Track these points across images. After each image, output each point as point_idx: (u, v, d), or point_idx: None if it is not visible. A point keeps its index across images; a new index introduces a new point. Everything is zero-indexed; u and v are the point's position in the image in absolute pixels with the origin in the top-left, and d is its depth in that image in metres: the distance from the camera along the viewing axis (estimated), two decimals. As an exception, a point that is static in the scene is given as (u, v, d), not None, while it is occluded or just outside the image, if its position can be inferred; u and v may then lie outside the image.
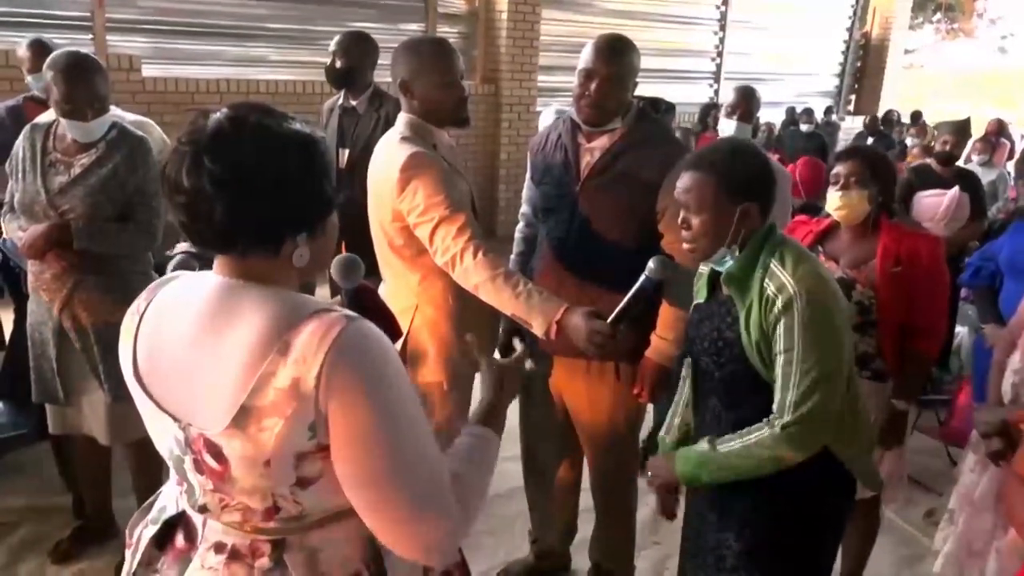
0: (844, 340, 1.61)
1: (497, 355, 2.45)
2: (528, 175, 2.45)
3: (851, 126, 10.70)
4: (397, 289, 2.20)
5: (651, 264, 1.71)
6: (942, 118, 5.55)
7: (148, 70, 5.77)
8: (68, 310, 2.37)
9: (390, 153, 2.08)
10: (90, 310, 2.37)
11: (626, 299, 1.75)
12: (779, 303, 1.56)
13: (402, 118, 2.15)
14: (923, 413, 3.75)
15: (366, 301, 1.44)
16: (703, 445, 1.67)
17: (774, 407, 1.58)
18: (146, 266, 2.52)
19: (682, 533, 1.97)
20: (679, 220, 1.67)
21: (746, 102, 3.28)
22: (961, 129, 4.33)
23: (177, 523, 1.20)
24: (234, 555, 1.11)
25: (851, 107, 11.92)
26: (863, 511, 2.42)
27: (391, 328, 1.09)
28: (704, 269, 1.80)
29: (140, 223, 2.38)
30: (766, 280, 1.59)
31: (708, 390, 1.78)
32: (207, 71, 6.23)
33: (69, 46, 2.59)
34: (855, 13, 11.50)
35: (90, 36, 5.68)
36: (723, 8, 9.77)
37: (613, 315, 1.78)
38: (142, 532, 1.24)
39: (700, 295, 1.80)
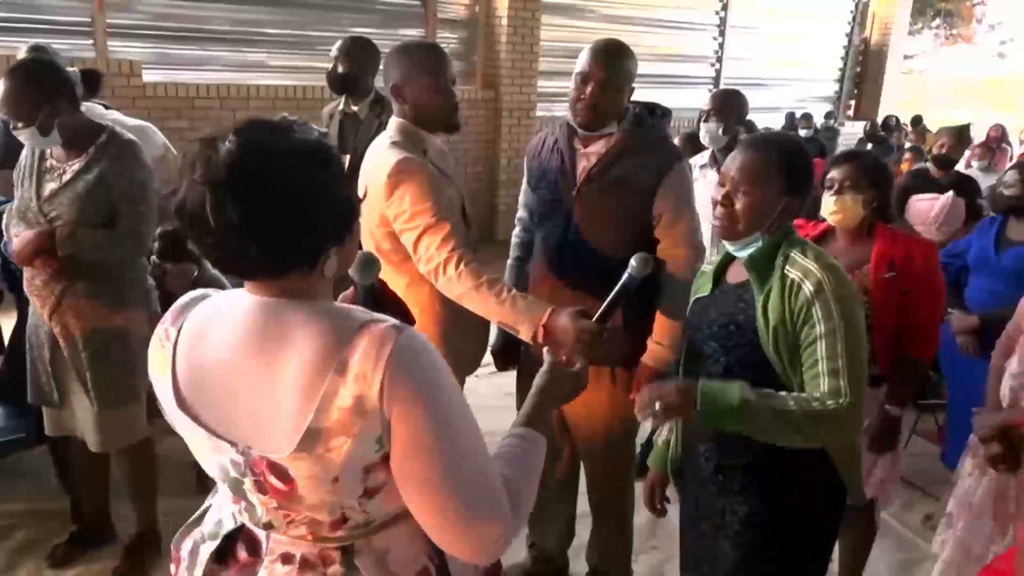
0: (864, 326, 1.61)
1: (490, 358, 2.46)
2: (525, 180, 2.46)
3: (851, 131, 10.71)
4: None
5: (633, 262, 1.72)
6: (942, 123, 5.56)
7: (149, 75, 5.79)
8: (57, 316, 2.37)
9: (379, 157, 2.08)
10: (79, 316, 2.37)
11: (610, 297, 1.76)
12: (808, 287, 1.55)
13: (393, 122, 2.15)
14: (922, 417, 3.75)
15: (382, 296, 1.46)
16: (743, 392, 1.52)
17: (823, 390, 1.52)
18: (140, 272, 2.51)
19: (680, 543, 1.97)
20: (720, 196, 1.65)
21: (713, 104, 3.36)
22: (960, 134, 4.35)
23: (237, 537, 1.19)
24: (305, 565, 1.12)
25: (850, 112, 11.94)
26: (860, 516, 2.42)
27: (407, 322, 1.10)
28: (708, 268, 1.80)
29: (126, 230, 2.34)
30: (787, 267, 1.59)
31: None
32: (207, 76, 6.25)
33: (69, 52, 2.59)
34: (854, 19, 11.52)
35: (91, 41, 5.69)
36: (723, 13, 9.78)
37: (598, 313, 1.79)
38: (199, 548, 1.22)
39: (703, 289, 1.79)
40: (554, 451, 2.55)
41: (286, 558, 1.13)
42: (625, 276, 1.76)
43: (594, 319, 1.80)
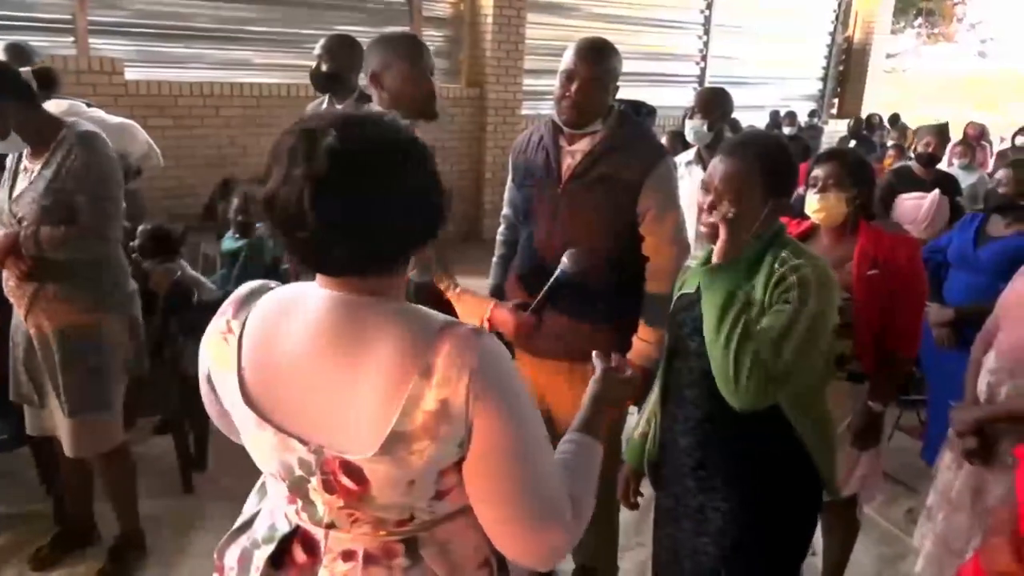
0: (832, 319, 1.62)
1: None
2: (510, 178, 2.46)
3: (834, 129, 10.78)
4: None
5: (564, 259, 1.76)
6: (924, 122, 5.61)
7: (131, 73, 5.73)
8: (32, 318, 2.34)
9: None
10: (51, 318, 2.34)
11: (543, 291, 1.81)
12: (793, 277, 1.57)
13: None
14: (904, 413, 3.79)
15: (429, 294, 1.48)
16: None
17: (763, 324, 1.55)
18: (120, 275, 2.47)
19: (654, 541, 1.98)
20: (705, 204, 1.66)
21: (698, 102, 3.45)
22: (941, 131, 4.40)
23: (292, 539, 1.15)
24: (369, 559, 1.10)
25: (834, 111, 12.01)
26: (843, 511, 2.44)
27: (443, 308, 1.12)
28: (692, 263, 1.81)
29: (87, 223, 2.27)
30: (776, 264, 1.61)
31: (689, 381, 1.77)
32: (191, 74, 6.20)
33: (50, 49, 2.57)
34: (837, 18, 11.58)
35: (72, 39, 5.63)
36: (707, 12, 9.81)
37: (532, 306, 1.82)
38: (250, 554, 1.19)
39: (689, 285, 1.80)
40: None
41: (347, 555, 1.10)
42: (557, 271, 1.79)
43: (528, 311, 1.84)
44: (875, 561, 2.94)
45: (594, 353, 1.41)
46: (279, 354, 1.05)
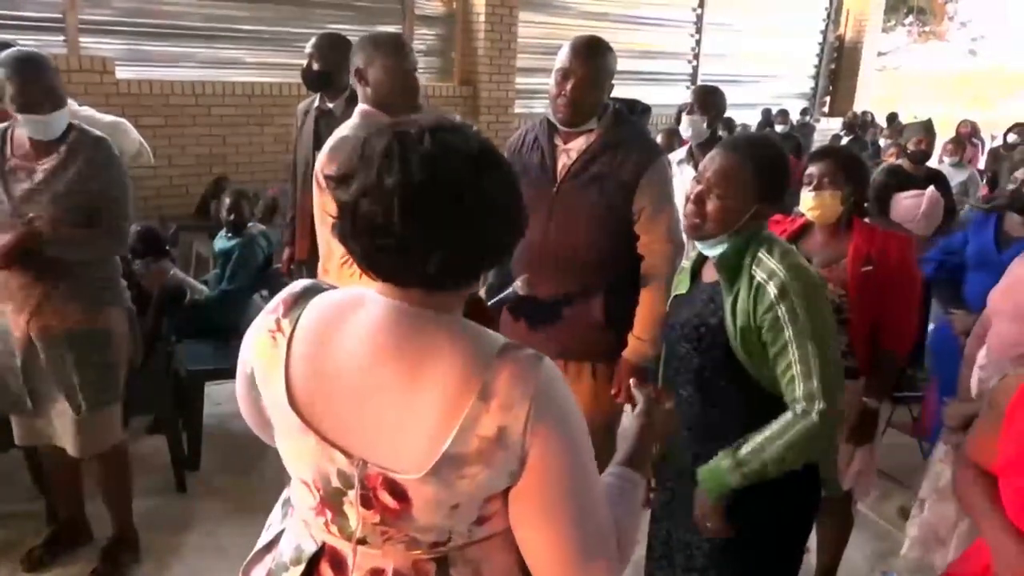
0: (832, 323, 1.63)
1: None
2: (505, 176, 2.46)
3: (826, 127, 10.81)
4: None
5: (518, 282, 1.86)
6: (915, 120, 5.63)
7: (122, 72, 5.70)
8: (38, 319, 2.31)
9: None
10: (61, 318, 2.32)
11: (495, 300, 1.87)
12: (772, 289, 1.57)
13: (357, 109, 2.17)
14: (897, 410, 3.80)
15: (476, 308, 1.46)
16: (725, 460, 1.63)
17: (798, 394, 1.56)
18: (113, 271, 2.47)
19: (648, 535, 1.98)
20: (692, 194, 1.67)
21: (697, 99, 3.49)
22: (928, 128, 4.42)
23: (320, 557, 1.10)
24: None
25: (826, 108, 12.04)
26: (837, 507, 2.45)
27: (494, 327, 1.09)
28: (686, 263, 1.82)
29: (108, 227, 2.32)
30: (754, 267, 1.61)
31: (683, 381, 1.78)
32: (182, 73, 6.17)
33: (41, 48, 2.56)
34: (829, 16, 11.61)
35: (62, 38, 5.59)
36: (699, 11, 9.82)
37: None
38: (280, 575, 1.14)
39: (682, 286, 1.81)
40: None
41: (376, 573, 1.05)
42: (509, 290, 1.83)
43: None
44: (868, 557, 2.95)
45: (632, 382, 1.38)
46: (331, 360, 1.01)
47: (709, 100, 3.45)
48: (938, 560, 2.28)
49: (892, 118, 10.48)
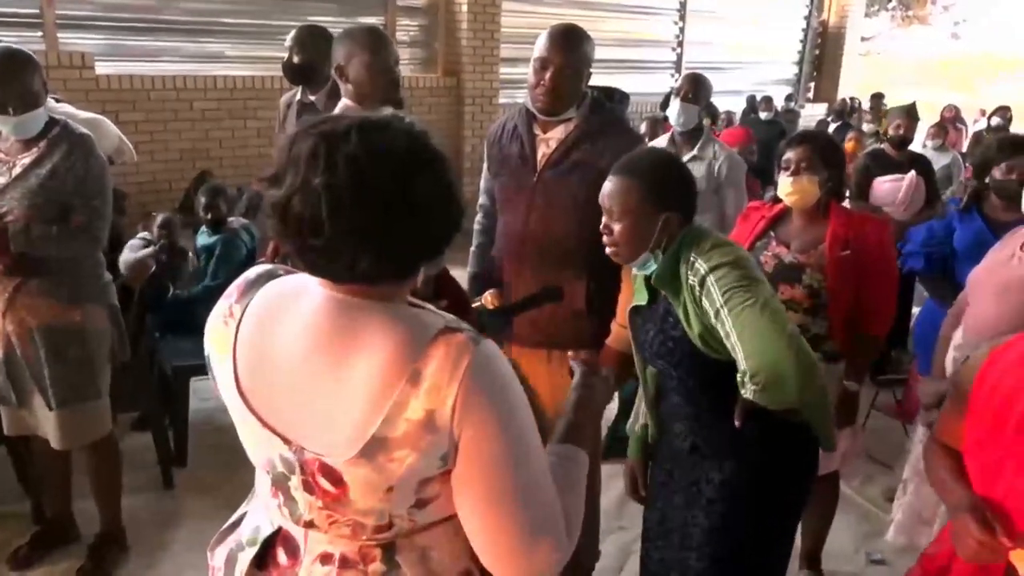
0: (763, 280, 1.62)
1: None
2: (485, 167, 2.46)
3: (811, 113, 10.84)
4: None
5: (487, 295, 1.83)
6: (899, 104, 5.65)
7: (101, 67, 5.66)
8: (12, 314, 2.31)
9: None
10: (34, 313, 2.32)
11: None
12: (695, 283, 1.59)
13: (340, 104, 2.19)
14: (880, 393, 3.83)
15: (444, 284, 1.46)
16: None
17: (743, 364, 1.56)
18: (97, 266, 2.46)
19: (644, 517, 1.99)
20: (601, 225, 1.71)
21: (691, 86, 3.46)
22: (909, 112, 4.44)
23: (275, 541, 1.13)
24: (344, 563, 1.07)
25: (810, 95, 12.07)
26: (821, 489, 2.46)
27: (465, 309, 1.08)
28: (637, 273, 1.83)
29: (81, 225, 2.30)
30: (688, 273, 1.62)
31: (669, 388, 1.81)
32: (162, 68, 6.13)
33: (18, 44, 2.53)
34: (812, 2, 11.63)
35: (40, 33, 5.55)
36: (683, -2, 9.84)
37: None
38: (236, 556, 1.17)
39: (639, 297, 1.82)
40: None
41: (325, 558, 1.08)
42: (479, 302, 1.88)
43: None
44: (854, 539, 2.98)
45: (570, 355, 1.39)
46: (273, 347, 1.03)
47: (698, 87, 3.47)
48: (923, 541, 2.29)
49: (878, 97, 10.50)
